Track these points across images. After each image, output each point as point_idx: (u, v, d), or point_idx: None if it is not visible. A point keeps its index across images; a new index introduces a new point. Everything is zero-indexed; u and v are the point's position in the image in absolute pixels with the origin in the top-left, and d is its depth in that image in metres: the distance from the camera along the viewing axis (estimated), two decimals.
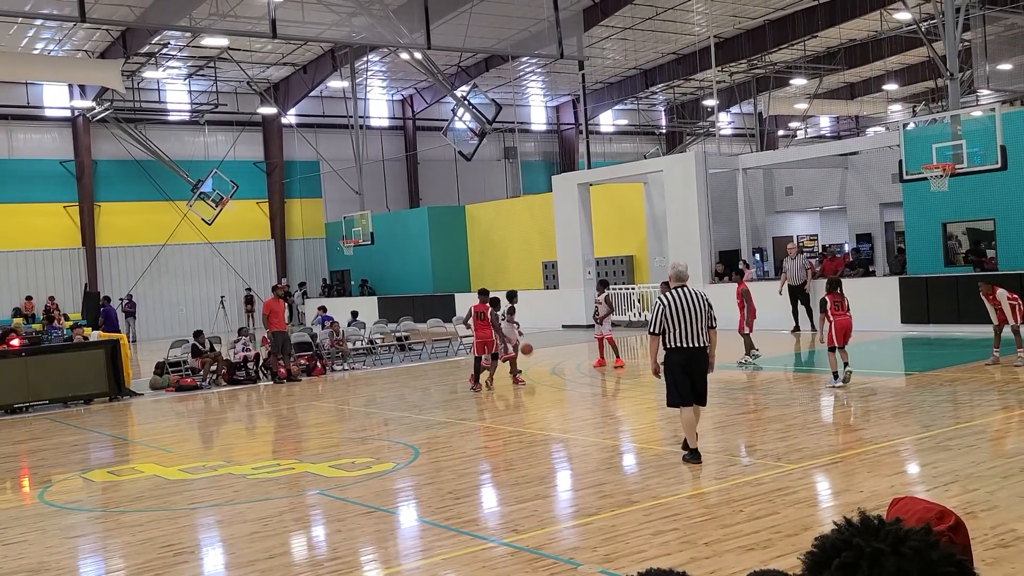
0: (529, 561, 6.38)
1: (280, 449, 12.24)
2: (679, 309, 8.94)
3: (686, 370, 9.01)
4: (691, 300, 8.98)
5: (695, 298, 9.01)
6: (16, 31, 29.17)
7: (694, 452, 9.06)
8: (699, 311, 8.96)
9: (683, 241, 24.58)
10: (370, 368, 20.92)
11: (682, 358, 8.99)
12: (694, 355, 9.00)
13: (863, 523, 1.43)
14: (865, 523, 1.43)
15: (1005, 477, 7.81)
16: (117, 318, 24.74)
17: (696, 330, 8.94)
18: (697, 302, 8.99)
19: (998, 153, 17.26)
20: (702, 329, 8.98)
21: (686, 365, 9.00)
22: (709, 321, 9.05)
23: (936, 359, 16.38)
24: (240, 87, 36.97)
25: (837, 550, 1.39)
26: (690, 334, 8.94)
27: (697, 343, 8.97)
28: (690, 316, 8.92)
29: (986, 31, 26.63)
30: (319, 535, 7.77)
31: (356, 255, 33.61)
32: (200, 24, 26.91)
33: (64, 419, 15.81)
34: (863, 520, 1.44)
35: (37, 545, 7.74)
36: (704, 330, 9.00)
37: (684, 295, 9.01)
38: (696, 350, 8.99)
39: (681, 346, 8.97)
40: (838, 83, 44.30)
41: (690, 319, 8.92)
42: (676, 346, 8.99)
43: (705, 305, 9.04)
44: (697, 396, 9.09)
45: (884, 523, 1.42)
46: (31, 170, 34.07)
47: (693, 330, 8.94)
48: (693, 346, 8.97)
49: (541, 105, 46.51)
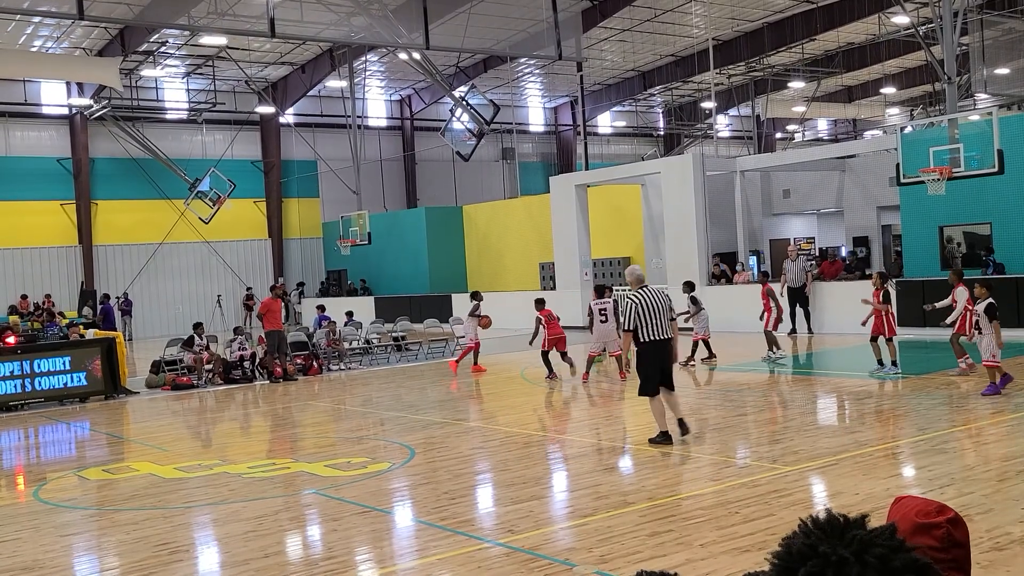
0: (524, 562, 6.38)
1: (276, 448, 12.23)
2: (650, 306, 10.08)
3: (658, 360, 10.13)
4: (657, 298, 10.19)
5: (659, 296, 10.24)
6: (14, 28, 29.13)
7: (664, 434, 10.10)
8: (664, 307, 10.16)
9: (680, 243, 24.59)
10: (366, 368, 20.91)
11: (656, 349, 10.12)
12: (664, 346, 10.15)
13: (829, 525, 1.41)
14: (831, 525, 1.41)
15: (1000, 480, 7.82)
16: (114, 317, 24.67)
17: (664, 324, 10.12)
18: (661, 299, 10.20)
19: (995, 157, 17.29)
20: (667, 323, 10.16)
21: (658, 355, 10.13)
22: (671, 315, 10.27)
23: (932, 362, 16.39)
24: (238, 86, 36.94)
25: (804, 557, 1.38)
26: (661, 327, 10.09)
27: (666, 335, 10.15)
28: (658, 312, 10.09)
29: (984, 35, 26.67)
30: (314, 534, 7.77)
31: (353, 255, 33.58)
32: (198, 23, 26.89)
33: (60, 417, 15.80)
34: (829, 521, 1.42)
35: (31, 543, 7.72)
36: (668, 323, 10.18)
37: (651, 294, 10.20)
38: (665, 341, 10.16)
39: (654, 339, 10.10)
40: (836, 86, 44.33)
41: (658, 314, 10.08)
42: (650, 339, 10.09)
43: (667, 301, 10.28)
44: (666, 381, 10.23)
45: (850, 525, 1.41)
46: (28, 167, 34.01)
47: (663, 324, 10.11)
48: (663, 338, 10.13)
49: (539, 106, 46.51)
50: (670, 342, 10.21)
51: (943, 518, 1.82)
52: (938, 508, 1.84)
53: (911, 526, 1.81)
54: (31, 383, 16.91)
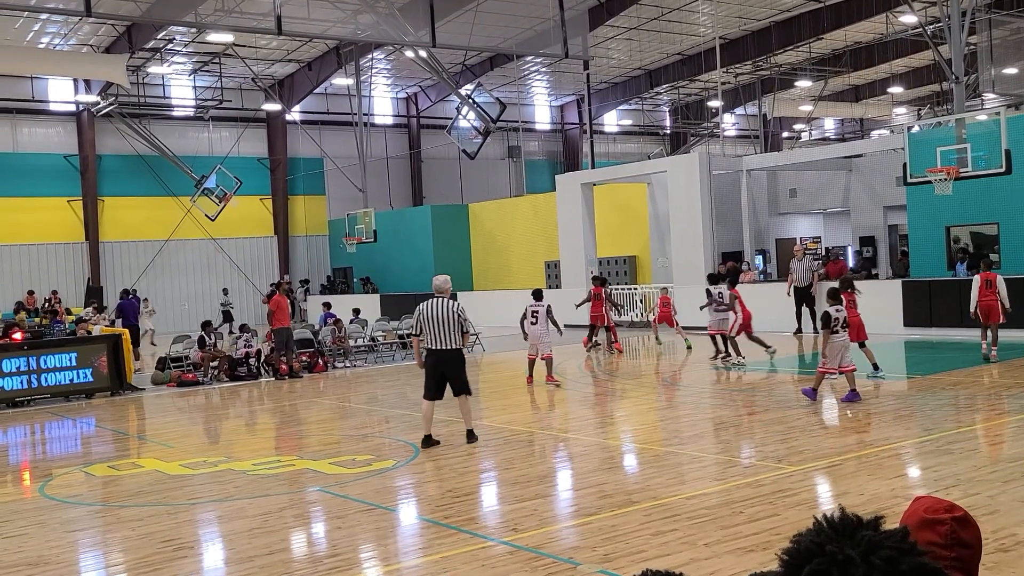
0: (528, 560, 6.38)
1: (281, 445, 12.25)
2: (428, 317, 10.49)
3: (434, 368, 10.58)
4: (439, 309, 10.48)
5: (442, 308, 10.49)
6: (22, 25, 29.19)
7: (427, 438, 10.59)
8: (445, 319, 10.43)
9: (686, 242, 24.57)
10: (372, 365, 20.92)
11: (432, 358, 10.61)
12: (442, 356, 10.53)
13: (841, 524, 1.41)
14: (843, 524, 1.41)
15: (1006, 482, 7.79)
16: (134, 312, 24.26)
17: (444, 335, 10.43)
18: (445, 312, 10.46)
19: (1003, 157, 17.25)
20: (449, 334, 10.42)
21: (434, 364, 10.58)
22: (461, 327, 10.50)
23: (938, 363, 16.36)
24: (245, 83, 36.98)
25: (811, 555, 1.37)
26: (438, 338, 10.46)
27: (444, 346, 10.48)
28: (436, 323, 10.43)
29: (992, 35, 26.61)
30: (319, 532, 7.77)
31: (359, 253, 33.61)
32: (205, 20, 26.91)
33: (65, 413, 15.84)
34: (841, 520, 1.41)
35: (37, 539, 7.74)
36: (451, 335, 10.43)
37: (434, 306, 10.52)
38: (442, 351, 10.51)
39: (431, 348, 10.55)
40: (843, 85, 44.24)
41: (436, 325, 10.43)
42: (429, 348, 10.60)
43: (453, 314, 10.46)
44: (455, 389, 10.60)
45: (862, 525, 1.40)
46: (35, 164, 34.10)
47: (441, 335, 10.44)
48: (439, 348, 10.51)
49: (545, 104, 46.49)
50: (449, 352, 10.47)
51: (949, 515, 1.82)
52: (947, 507, 1.85)
53: (918, 520, 1.82)
54: (37, 379, 16.95)
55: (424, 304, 10.64)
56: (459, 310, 10.58)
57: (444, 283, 10.87)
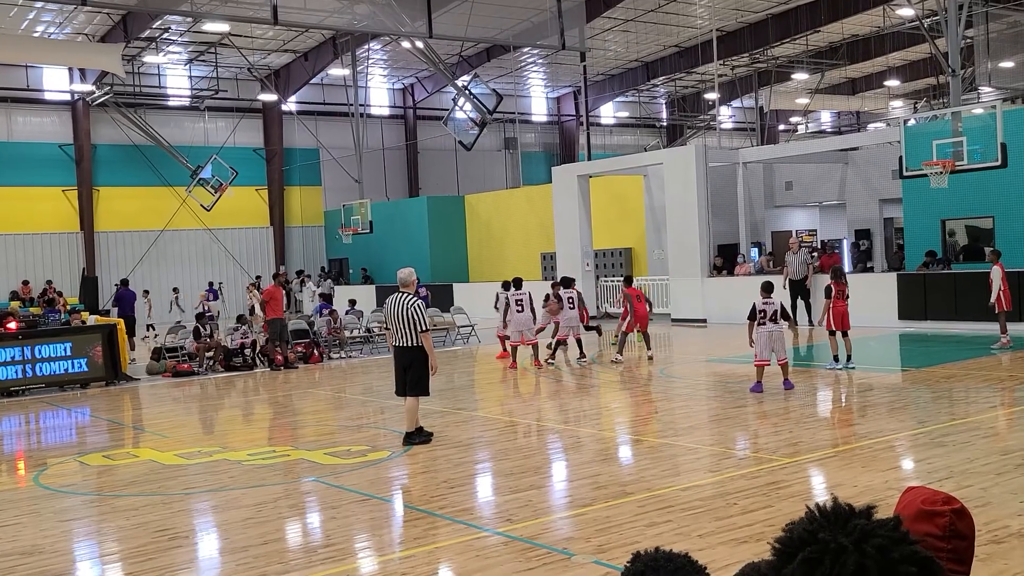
0: (522, 551, 6.39)
1: (276, 436, 12.25)
2: (388, 314, 10.47)
3: (398, 365, 10.47)
4: (394, 307, 10.36)
5: (397, 305, 10.32)
6: (16, 13, 29.07)
7: (419, 430, 10.43)
8: (398, 316, 10.27)
9: (682, 234, 24.57)
10: (367, 356, 20.92)
11: (395, 354, 10.57)
12: (399, 352, 10.42)
13: (834, 513, 1.42)
14: (836, 513, 1.41)
15: (999, 474, 7.83)
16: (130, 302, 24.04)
17: (401, 332, 10.29)
18: (400, 309, 10.29)
19: (998, 150, 17.25)
20: (405, 331, 10.25)
21: (398, 360, 10.47)
22: (416, 326, 10.24)
23: (932, 355, 16.40)
24: (241, 73, 36.88)
25: (803, 543, 1.38)
26: (397, 335, 10.36)
27: (401, 343, 10.36)
28: (393, 319, 10.35)
29: (988, 28, 26.61)
30: (314, 522, 7.78)
31: (355, 244, 33.57)
32: (201, 9, 26.83)
33: (60, 403, 15.82)
34: (834, 510, 1.42)
35: (31, 528, 7.75)
36: (406, 332, 10.25)
37: (392, 302, 10.43)
38: (400, 348, 10.39)
39: (394, 344, 10.52)
40: (840, 78, 44.21)
41: (393, 322, 10.34)
42: (392, 344, 10.57)
43: (406, 311, 10.24)
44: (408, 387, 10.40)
45: (855, 514, 1.41)
46: (30, 154, 34.00)
47: (398, 332, 10.31)
48: (397, 345, 10.42)
49: (542, 96, 46.42)
50: (407, 350, 10.31)
51: (948, 507, 1.82)
52: (945, 498, 1.85)
53: (915, 512, 1.82)
54: (32, 369, 16.94)
55: (388, 299, 10.62)
56: (412, 306, 10.24)
57: (408, 276, 10.61)
